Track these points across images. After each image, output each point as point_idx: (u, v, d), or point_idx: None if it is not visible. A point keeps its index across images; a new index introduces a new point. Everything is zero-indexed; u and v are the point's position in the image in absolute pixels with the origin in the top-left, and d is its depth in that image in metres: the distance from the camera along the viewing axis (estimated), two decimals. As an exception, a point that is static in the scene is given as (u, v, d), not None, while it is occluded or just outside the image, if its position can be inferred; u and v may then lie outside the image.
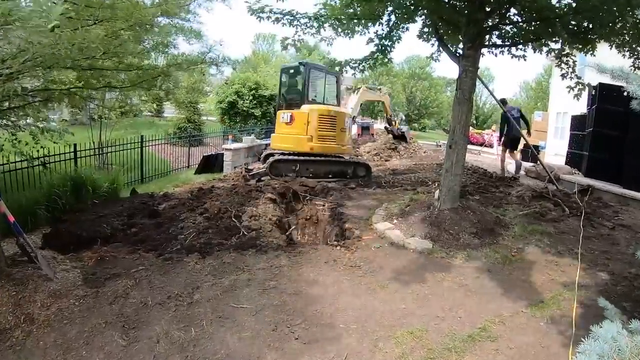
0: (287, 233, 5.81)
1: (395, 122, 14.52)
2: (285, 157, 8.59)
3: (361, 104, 12.36)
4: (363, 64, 5.62)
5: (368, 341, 3.04)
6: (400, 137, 14.43)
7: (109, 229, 5.22)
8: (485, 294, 3.79)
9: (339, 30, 5.30)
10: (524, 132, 9.23)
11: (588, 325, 3.20)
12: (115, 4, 3.20)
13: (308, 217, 6.61)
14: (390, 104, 14.60)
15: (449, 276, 4.11)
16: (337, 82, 9.36)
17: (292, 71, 9.38)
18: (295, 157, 8.55)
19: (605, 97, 8.25)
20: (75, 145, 6.91)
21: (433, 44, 6.04)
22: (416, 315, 3.39)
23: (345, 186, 7.98)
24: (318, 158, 8.61)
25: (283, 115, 8.93)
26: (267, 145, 13.43)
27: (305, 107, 8.60)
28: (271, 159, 8.57)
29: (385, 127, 15.31)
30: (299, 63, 9.39)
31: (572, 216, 5.78)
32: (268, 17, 5.25)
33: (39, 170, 6.21)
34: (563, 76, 5.48)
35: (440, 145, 17.93)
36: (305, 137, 8.50)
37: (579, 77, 5.43)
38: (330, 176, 8.57)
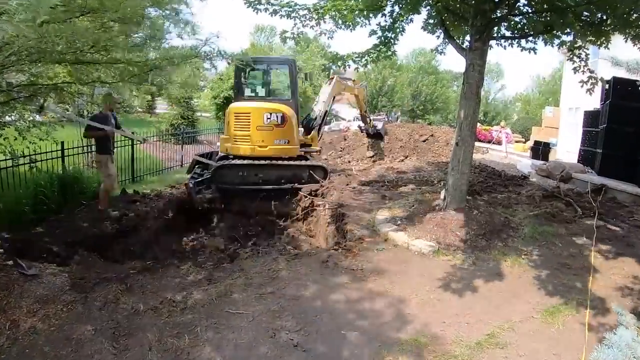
0: None
1: (370, 120, 13.16)
2: (230, 162, 7.70)
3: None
4: (365, 57, 5.61)
5: (371, 348, 3.03)
6: (376, 136, 13.23)
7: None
8: (493, 299, 3.78)
9: (340, 22, 5.29)
10: None
11: (602, 332, 3.23)
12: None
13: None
14: (365, 97, 13.18)
15: (456, 280, 4.11)
16: (290, 72, 8.37)
17: (236, 66, 8.41)
18: (240, 162, 7.66)
19: (620, 91, 8.25)
20: (62, 143, 6.91)
21: (438, 36, 6.04)
22: (421, 321, 3.39)
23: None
24: (264, 162, 7.75)
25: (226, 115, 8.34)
26: None
27: (230, 106, 8.10)
28: (214, 167, 7.65)
29: (359, 126, 13.90)
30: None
31: (584, 217, 5.78)
32: (265, 9, 5.25)
33: (24, 169, 6.21)
34: (575, 70, 5.47)
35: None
36: (226, 138, 7.89)
37: (591, 71, 5.42)
38: (282, 182, 7.79)
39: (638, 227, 5.51)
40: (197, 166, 8.39)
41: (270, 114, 7.85)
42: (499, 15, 5.26)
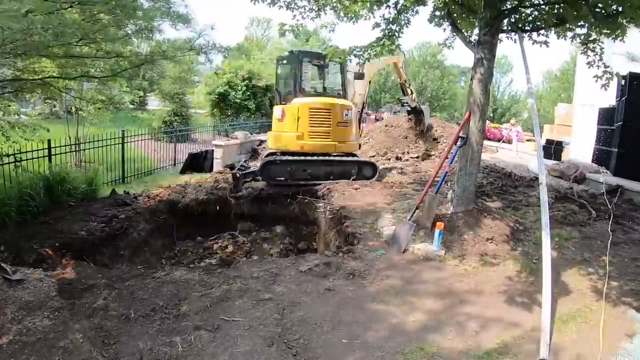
0: None
1: (412, 92, 12.10)
2: (279, 157, 8.38)
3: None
4: (368, 51, 5.61)
5: (374, 358, 3.03)
6: (416, 112, 12.52)
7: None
8: (503, 306, 3.79)
9: (342, 14, 5.29)
10: None
11: (617, 340, 3.22)
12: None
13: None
14: (405, 64, 11.94)
15: (463, 285, 4.11)
16: (341, 70, 8.99)
17: (285, 61, 9.13)
18: (290, 158, 8.30)
19: (636, 87, 8.24)
20: (49, 141, 6.90)
21: (445, 29, 6.03)
22: (427, 329, 3.39)
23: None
24: (316, 158, 8.35)
25: (276, 111, 8.78)
26: (261, 141, 13.39)
27: (295, 101, 8.39)
28: (263, 161, 8.42)
29: (399, 99, 13.03)
30: (290, 51, 9.19)
31: (599, 220, 5.78)
32: (263, 0, 5.25)
33: (9, 169, 6.21)
34: (589, 64, 5.46)
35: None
36: (295, 135, 8.28)
37: (606, 66, 5.41)
38: (331, 178, 8.35)
39: (656, 230, 5.51)
40: (243, 160, 9.48)
41: (347, 110, 8.64)
42: (508, 7, 5.26)
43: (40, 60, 4.73)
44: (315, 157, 8.33)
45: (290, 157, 8.28)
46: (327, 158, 8.45)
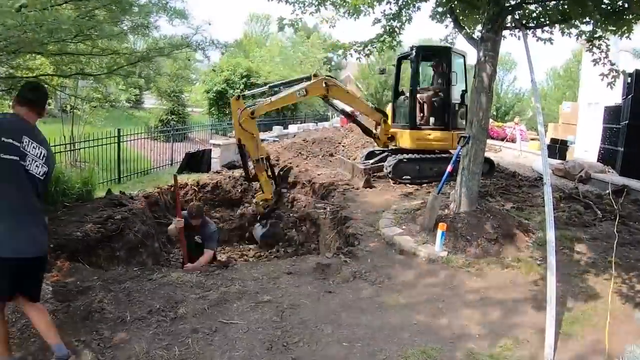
0: None
1: None
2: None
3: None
4: (368, 47, 5.62)
5: (375, 361, 3.03)
6: None
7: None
8: (507, 308, 3.78)
9: (341, 9, 5.29)
10: None
11: (623, 342, 3.22)
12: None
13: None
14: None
15: (467, 288, 4.11)
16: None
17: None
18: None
19: (643, 85, 8.24)
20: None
21: (447, 26, 6.03)
22: (429, 333, 3.39)
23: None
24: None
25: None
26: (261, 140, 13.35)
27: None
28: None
29: None
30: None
31: (605, 220, 5.78)
32: (262, -6, 5.25)
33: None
34: (595, 62, 5.47)
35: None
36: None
37: (612, 63, 5.42)
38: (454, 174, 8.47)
39: (662, 231, 5.51)
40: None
41: None
42: (512, 3, 5.26)
43: (34, 57, 4.74)
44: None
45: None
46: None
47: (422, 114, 8.72)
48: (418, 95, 8.56)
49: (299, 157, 11.76)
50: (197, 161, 11.34)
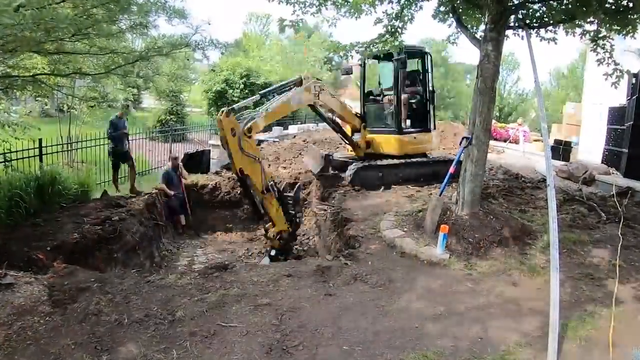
0: None
1: None
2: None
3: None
4: (370, 47, 5.61)
5: (375, 365, 3.03)
6: None
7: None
8: (510, 311, 3.78)
9: (343, 9, 5.29)
10: None
11: (627, 346, 3.22)
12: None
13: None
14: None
15: (469, 291, 4.10)
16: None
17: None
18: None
19: (648, 86, 8.23)
20: (40, 140, 6.91)
21: (450, 25, 6.04)
22: (430, 336, 3.38)
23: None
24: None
25: None
26: (260, 141, 13.36)
27: None
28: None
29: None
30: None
31: (609, 223, 5.77)
32: (262, -6, 5.26)
33: (-1, 169, 6.22)
34: (599, 62, 5.47)
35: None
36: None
37: (617, 63, 5.42)
38: (421, 180, 8.25)
39: (667, 233, 5.50)
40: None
41: None
42: (515, 2, 5.26)
43: (31, 56, 4.75)
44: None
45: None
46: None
47: (406, 118, 8.48)
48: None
49: (299, 158, 11.76)
50: (196, 162, 11.33)
